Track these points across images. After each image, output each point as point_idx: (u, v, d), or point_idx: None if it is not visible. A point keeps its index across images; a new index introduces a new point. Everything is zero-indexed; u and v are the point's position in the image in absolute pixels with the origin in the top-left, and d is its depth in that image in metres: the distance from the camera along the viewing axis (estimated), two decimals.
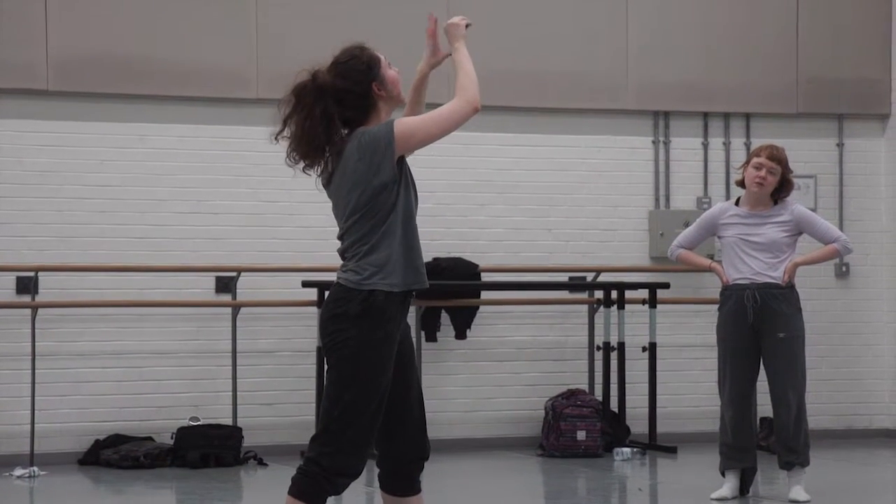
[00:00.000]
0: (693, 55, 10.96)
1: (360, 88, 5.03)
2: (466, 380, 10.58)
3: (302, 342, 10.13)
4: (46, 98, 9.87)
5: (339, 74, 5.03)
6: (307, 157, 5.03)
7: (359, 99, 5.03)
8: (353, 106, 5.03)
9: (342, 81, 5.02)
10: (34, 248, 9.82)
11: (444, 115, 4.97)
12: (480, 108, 4.99)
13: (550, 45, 10.68)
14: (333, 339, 4.95)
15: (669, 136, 11.04)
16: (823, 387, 10.96)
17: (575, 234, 10.80)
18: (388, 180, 4.93)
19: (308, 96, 4.99)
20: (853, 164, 11.34)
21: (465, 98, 4.97)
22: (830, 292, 11.23)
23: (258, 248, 10.20)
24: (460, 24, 5.14)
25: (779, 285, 7.92)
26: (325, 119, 4.98)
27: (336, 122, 5.00)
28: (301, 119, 4.99)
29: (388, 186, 4.94)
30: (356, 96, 5.03)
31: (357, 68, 5.04)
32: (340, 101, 5.01)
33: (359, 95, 5.03)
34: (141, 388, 9.99)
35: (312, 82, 5.01)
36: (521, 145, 10.72)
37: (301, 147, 5.01)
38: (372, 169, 4.92)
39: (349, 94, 5.02)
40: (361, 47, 5.12)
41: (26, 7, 9.77)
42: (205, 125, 10.16)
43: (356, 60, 5.06)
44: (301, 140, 5.00)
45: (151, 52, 9.98)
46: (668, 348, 10.66)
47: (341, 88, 5.01)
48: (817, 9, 11.16)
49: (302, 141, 5.00)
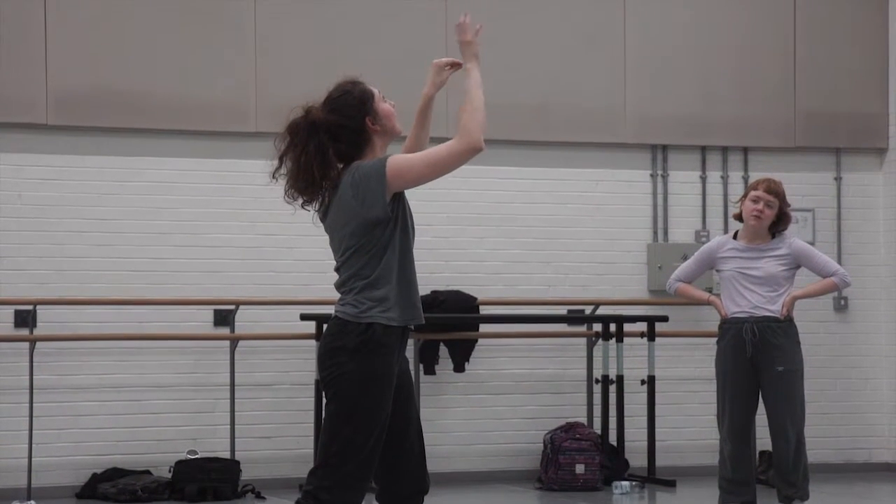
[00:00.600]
0: (691, 89, 10.99)
1: (354, 123, 5.04)
2: (465, 413, 10.57)
3: (300, 375, 10.12)
4: (46, 132, 9.89)
5: (332, 110, 5.04)
6: (305, 193, 5.04)
7: (353, 134, 5.04)
8: (348, 141, 5.03)
9: (335, 117, 5.02)
10: (33, 281, 9.82)
11: (441, 156, 4.92)
12: (483, 147, 4.92)
13: (548, 79, 10.71)
14: (332, 372, 4.94)
15: (668, 169, 11.06)
16: (822, 420, 10.94)
17: (573, 267, 10.81)
18: (380, 216, 4.93)
19: (302, 132, 5.00)
20: (851, 198, 11.36)
21: (466, 140, 4.91)
22: (829, 326, 11.23)
23: (256, 280, 10.20)
24: (474, 42, 5.07)
25: (777, 319, 7.92)
26: (320, 154, 4.98)
27: (331, 157, 5.00)
28: (296, 155, 5.00)
29: (381, 222, 4.93)
30: (350, 131, 5.03)
31: (350, 103, 5.05)
32: (334, 136, 5.01)
33: (352, 130, 5.03)
34: (139, 422, 9.98)
35: (305, 119, 5.02)
36: (520, 178, 10.73)
37: (298, 183, 5.02)
38: (365, 204, 4.92)
39: (343, 129, 5.02)
40: (354, 82, 5.13)
41: (26, 42, 9.81)
42: (203, 159, 10.17)
43: (348, 95, 5.06)
44: (297, 176, 5.01)
45: (150, 87, 10.00)
46: (666, 381, 10.65)
47: (334, 124, 5.01)
48: (815, 43, 11.20)
49: (298, 177, 5.01)
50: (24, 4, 9.81)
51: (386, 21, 10.40)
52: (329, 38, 10.28)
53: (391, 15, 10.44)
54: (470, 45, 5.08)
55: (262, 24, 10.19)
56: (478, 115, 4.96)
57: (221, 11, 10.16)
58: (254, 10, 10.18)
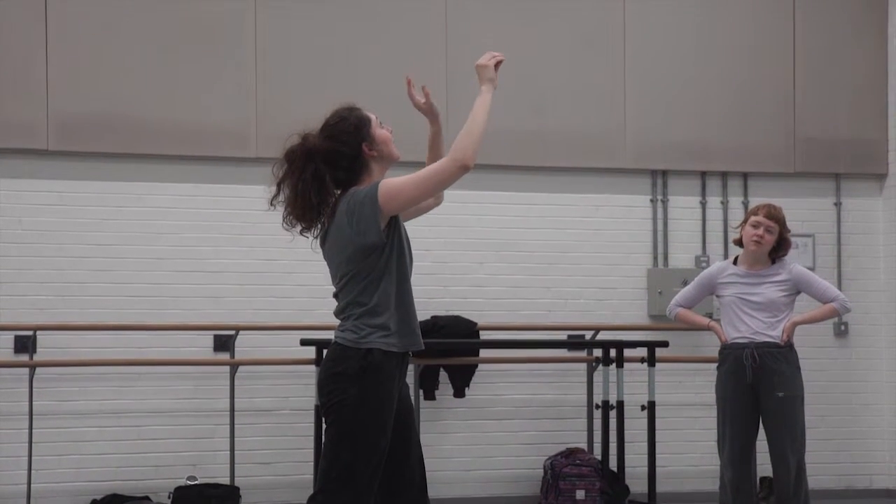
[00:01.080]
0: (690, 114, 11.01)
1: (350, 150, 5.04)
2: (465, 438, 10.55)
3: (300, 401, 10.11)
4: (46, 157, 9.90)
5: (329, 136, 5.05)
6: (302, 220, 5.04)
7: (349, 160, 5.04)
8: (345, 167, 5.04)
9: (332, 143, 5.03)
10: (33, 306, 9.82)
11: (430, 175, 4.91)
12: (472, 166, 4.90)
13: (548, 104, 10.73)
14: (331, 398, 4.94)
15: (667, 194, 11.06)
16: (823, 446, 10.93)
17: (573, 292, 10.81)
18: (375, 242, 4.93)
19: (299, 159, 5.02)
20: (851, 224, 11.36)
21: (454, 157, 4.89)
22: (829, 351, 11.22)
23: (256, 306, 10.20)
24: (488, 66, 5.06)
25: (777, 344, 7.91)
26: (317, 181, 4.99)
27: (328, 183, 5.01)
28: (293, 182, 5.02)
29: (376, 248, 4.94)
30: (346, 158, 5.04)
31: (346, 130, 5.06)
32: (331, 162, 5.02)
33: (349, 157, 5.04)
34: (138, 448, 9.96)
35: (302, 146, 5.04)
36: (520, 203, 10.74)
37: (295, 210, 5.03)
38: (359, 231, 4.93)
39: (339, 155, 5.03)
40: (351, 108, 5.14)
41: (27, 67, 9.83)
42: (204, 184, 10.19)
43: (345, 122, 5.08)
44: (295, 203, 5.02)
45: (150, 112, 10.02)
46: (667, 407, 10.64)
47: (331, 150, 5.02)
48: (815, 69, 11.22)
49: (296, 204, 5.02)
50: (25, 31, 9.84)
51: (388, 47, 10.42)
52: (330, 63, 10.30)
53: (393, 41, 10.46)
54: (486, 68, 5.05)
55: (263, 49, 10.22)
56: (474, 136, 4.94)
57: (222, 37, 10.18)
58: (254, 36, 10.21)
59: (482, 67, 5.05)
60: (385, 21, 10.46)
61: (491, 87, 5.04)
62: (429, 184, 4.91)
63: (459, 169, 4.87)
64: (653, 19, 10.96)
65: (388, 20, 10.48)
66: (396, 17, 10.49)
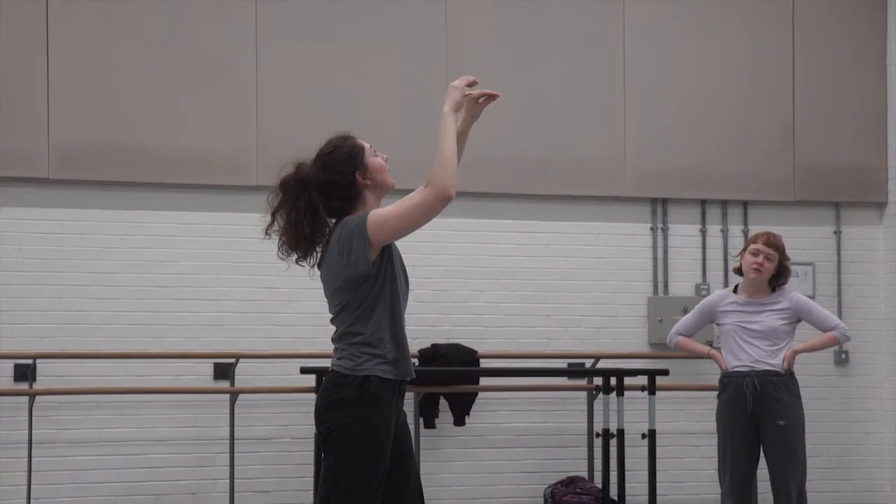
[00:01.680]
0: (690, 143, 11.02)
1: (344, 179, 5.04)
2: (465, 466, 10.53)
3: (300, 429, 10.09)
4: (47, 186, 9.91)
5: (322, 166, 5.06)
6: (297, 249, 5.05)
7: (343, 189, 5.05)
8: (339, 196, 5.05)
9: (325, 173, 5.04)
10: (33, 335, 9.82)
11: (413, 206, 4.89)
12: (454, 193, 4.86)
13: (548, 133, 10.75)
14: (329, 426, 4.93)
15: (667, 222, 11.07)
16: (824, 475, 10.91)
17: (573, 320, 10.80)
18: (365, 272, 4.92)
19: (292, 189, 5.03)
20: (851, 252, 11.36)
21: (433, 189, 4.85)
22: (830, 380, 11.21)
23: (257, 334, 10.19)
24: (456, 87, 5.02)
25: (778, 373, 7.91)
26: (311, 211, 5.00)
27: (321, 213, 5.02)
28: (287, 212, 5.03)
29: (368, 278, 4.93)
30: (340, 187, 5.04)
31: (339, 159, 5.06)
32: (325, 192, 5.03)
33: (343, 186, 5.04)
34: (138, 476, 9.94)
35: (296, 175, 5.05)
36: (520, 231, 10.75)
37: (290, 240, 5.04)
38: (349, 261, 4.93)
39: (333, 185, 5.04)
40: (344, 137, 5.14)
41: (28, 96, 9.85)
42: (204, 212, 10.19)
43: (338, 151, 5.08)
44: (289, 233, 5.03)
45: (151, 141, 10.04)
46: (667, 435, 10.63)
47: (325, 180, 5.03)
48: (814, 97, 11.24)
49: (290, 234, 5.03)
50: (26, 59, 9.87)
51: (388, 74, 10.45)
52: (331, 90, 10.32)
53: (393, 68, 10.48)
54: (452, 89, 5.02)
55: (264, 77, 10.24)
56: (447, 164, 4.86)
57: (222, 65, 10.20)
58: (255, 63, 10.23)
59: (450, 88, 5.02)
60: (386, 48, 10.48)
61: (450, 108, 4.98)
62: (413, 215, 4.89)
63: (440, 200, 4.84)
64: (653, 49, 10.98)
65: (389, 47, 10.50)
66: (397, 44, 10.51)
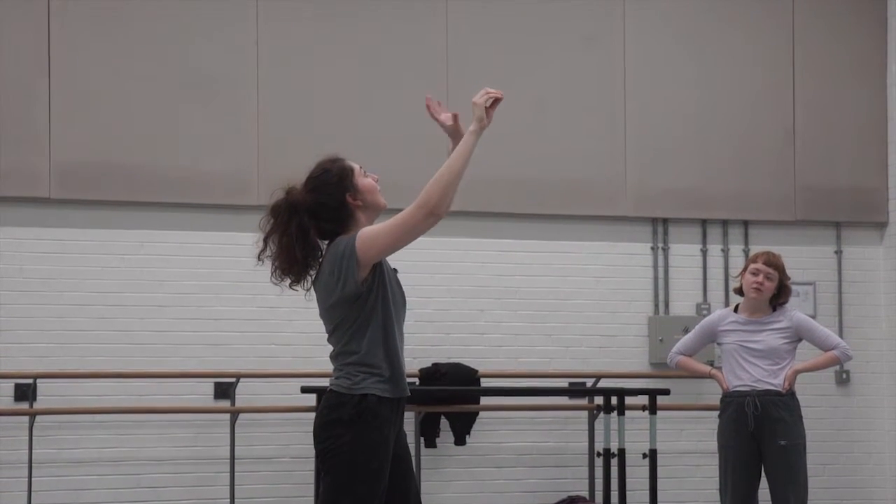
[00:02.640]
0: (691, 163, 11.03)
1: (334, 201, 5.04)
2: (466, 486, 10.52)
3: (300, 448, 10.08)
4: (48, 206, 9.92)
5: (312, 189, 5.05)
6: (290, 274, 5.05)
7: (334, 211, 5.04)
8: (330, 218, 5.04)
9: (315, 196, 5.04)
10: (33, 354, 9.81)
11: (399, 224, 4.86)
12: (444, 213, 4.82)
13: (549, 153, 10.76)
14: (327, 445, 4.93)
15: (668, 242, 11.08)
16: (825, 495, 10.89)
17: (574, 339, 10.80)
18: (355, 292, 4.91)
19: (283, 214, 5.02)
20: (852, 272, 11.36)
21: (420, 205, 4.82)
22: (831, 399, 11.20)
23: (257, 353, 10.19)
24: (478, 103, 4.97)
25: (779, 392, 7.90)
26: (301, 235, 5.00)
27: (312, 236, 5.01)
28: (279, 237, 5.03)
29: (359, 297, 4.92)
30: (331, 209, 5.04)
31: (329, 181, 5.05)
32: (315, 215, 5.02)
33: (333, 208, 5.04)
34: (139, 496, 9.92)
35: (286, 200, 5.04)
36: (521, 251, 10.75)
37: (283, 265, 5.04)
38: (339, 281, 4.93)
39: (323, 207, 5.03)
40: (334, 159, 5.14)
41: (29, 115, 9.86)
42: (205, 231, 10.20)
43: (328, 174, 5.07)
44: (281, 258, 5.03)
45: (152, 160, 10.05)
46: (668, 455, 10.61)
47: (315, 203, 5.03)
48: (815, 118, 11.26)
49: (282, 259, 5.03)
50: (28, 80, 9.88)
51: (387, 94, 10.46)
52: (331, 109, 10.33)
53: (393, 87, 10.49)
54: (478, 107, 4.97)
55: (265, 97, 10.25)
56: (444, 183, 4.82)
57: (223, 84, 10.22)
58: (256, 83, 10.25)
59: (474, 106, 4.98)
60: (387, 65, 10.49)
61: (478, 128, 4.95)
62: (399, 233, 4.86)
63: (427, 217, 4.81)
64: (654, 69, 11.00)
65: (389, 64, 10.51)
66: (398, 60, 10.53)
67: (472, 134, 4.95)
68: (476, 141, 4.94)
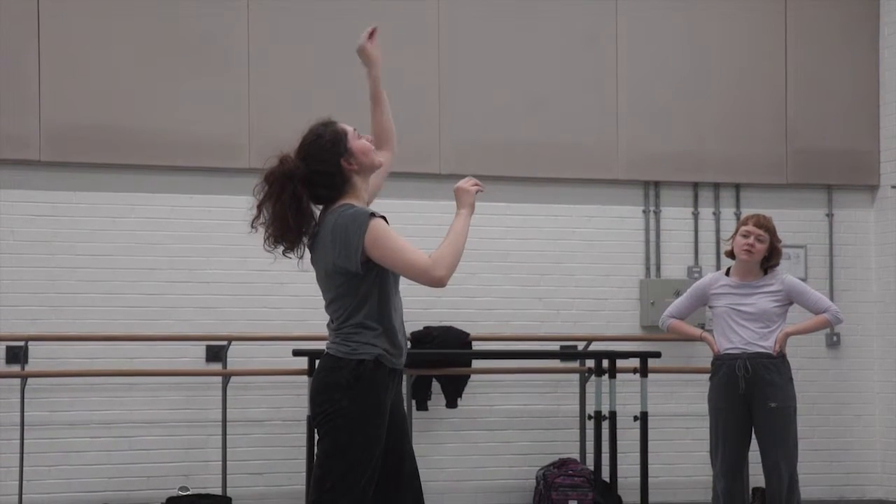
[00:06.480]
0: (683, 126, 11.02)
1: (329, 167, 5.02)
2: (457, 449, 10.55)
3: (292, 411, 10.10)
4: (39, 168, 9.90)
5: (306, 157, 5.03)
6: (283, 240, 5.03)
7: (330, 177, 5.02)
8: (325, 184, 5.02)
9: (310, 163, 5.01)
10: (25, 317, 9.81)
11: (407, 261, 4.87)
12: (443, 285, 4.86)
13: (541, 116, 10.74)
14: (325, 409, 4.93)
15: (660, 205, 11.08)
16: (815, 457, 10.94)
17: (566, 303, 10.81)
18: (356, 269, 4.92)
19: (277, 181, 4.99)
20: (843, 235, 11.38)
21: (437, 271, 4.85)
22: (822, 362, 11.23)
23: (249, 316, 10.19)
24: (469, 190, 5.08)
25: (770, 355, 7.91)
26: (296, 202, 4.97)
27: (306, 205, 4.99)
28: (272, 205, 5.00)
29: (359, 272, 4.92)
30: (327, 175, 5.02)
31: (323, 147, 5.03)
32: (311, 182, 5.00)
33: (329, 174, 5.02)
34: (130, 458, 9.94)
35: (280, 167, 5.01)
36: (512, 215, 10.75)
37: (276, 232, 5.01)
38: (341, 255, 4.91)
39: (318, 174, 5.01)
40: (326, 123, 5.11)
41: (20, 79, 9.83)
42: (196, 195, 10.18)
43: (321, 139, 5.04)
44: (274, 225, 5.01)
45: (143, 123, 10.02)
46: (659, 417, 10.64)
47: (310, 171, 5.00)
48: (806, 80, 11.24)
49: (275, 226, 5.00)
50: (17, 43, 9.84)
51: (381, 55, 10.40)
52: (323, 72, 10.30)
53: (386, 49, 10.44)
54: (467, 194, 5.09)
55: (256, 59, 10.22)
56: (454, 251, 4.91)
57: (215, 47, 10.18)
58: (247, 46, 10.21)
59: (463, 192, 5.09)
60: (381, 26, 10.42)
61: (470, 211, 5.06)
62: (400, 266, 4.88)
63: (432, 281, 4.85)
64: (646, 32, 10.98)
65: (383, 25, 10.44)
66: (389, 25, 10.47)
67: (466, 216, 5.06)
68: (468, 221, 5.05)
